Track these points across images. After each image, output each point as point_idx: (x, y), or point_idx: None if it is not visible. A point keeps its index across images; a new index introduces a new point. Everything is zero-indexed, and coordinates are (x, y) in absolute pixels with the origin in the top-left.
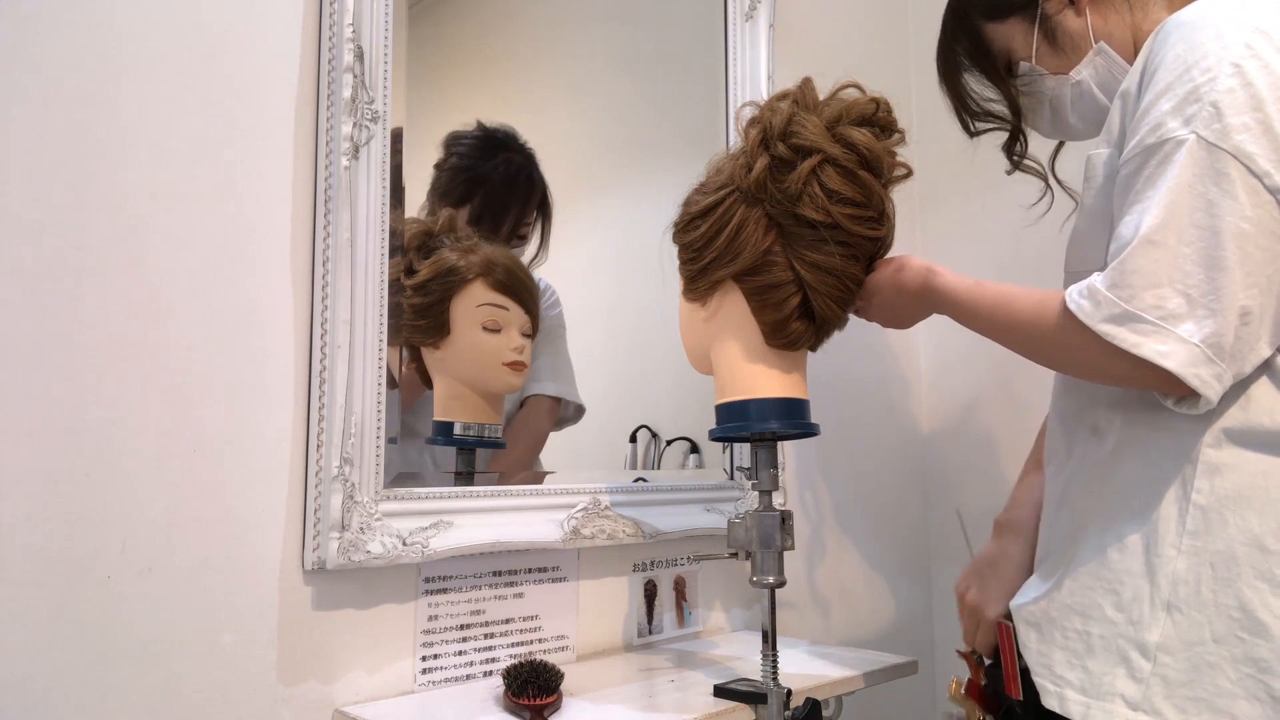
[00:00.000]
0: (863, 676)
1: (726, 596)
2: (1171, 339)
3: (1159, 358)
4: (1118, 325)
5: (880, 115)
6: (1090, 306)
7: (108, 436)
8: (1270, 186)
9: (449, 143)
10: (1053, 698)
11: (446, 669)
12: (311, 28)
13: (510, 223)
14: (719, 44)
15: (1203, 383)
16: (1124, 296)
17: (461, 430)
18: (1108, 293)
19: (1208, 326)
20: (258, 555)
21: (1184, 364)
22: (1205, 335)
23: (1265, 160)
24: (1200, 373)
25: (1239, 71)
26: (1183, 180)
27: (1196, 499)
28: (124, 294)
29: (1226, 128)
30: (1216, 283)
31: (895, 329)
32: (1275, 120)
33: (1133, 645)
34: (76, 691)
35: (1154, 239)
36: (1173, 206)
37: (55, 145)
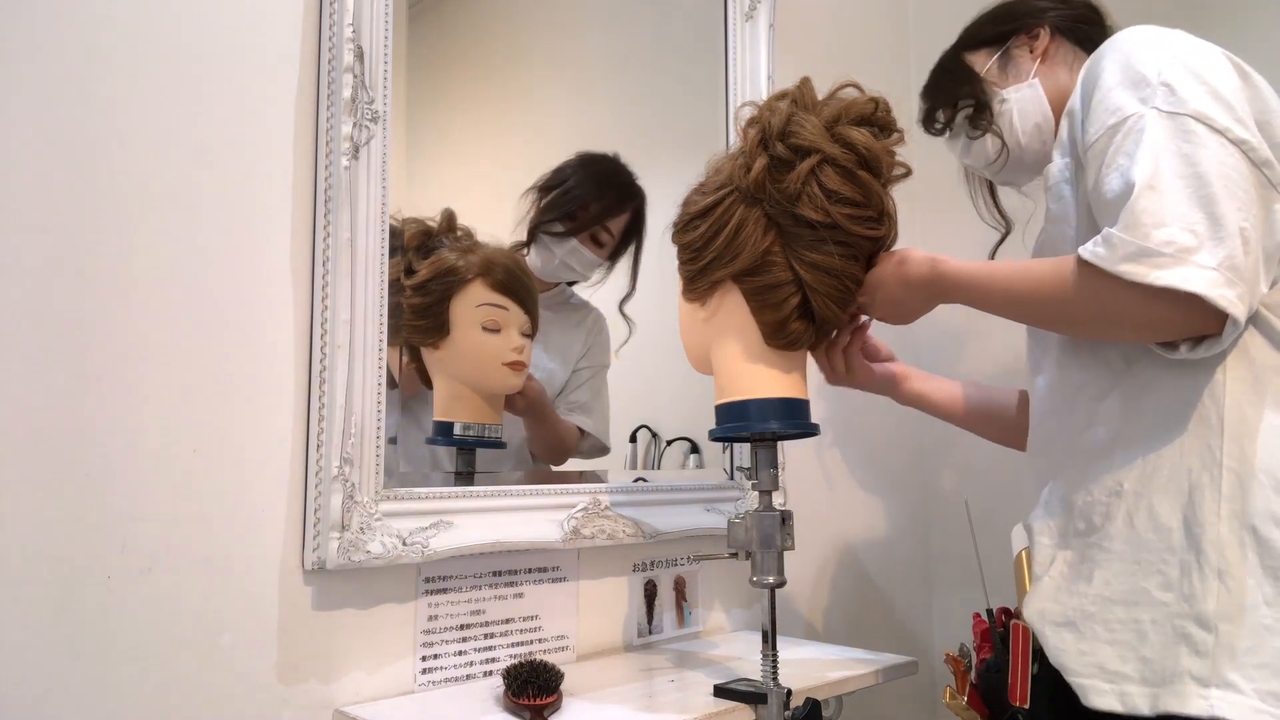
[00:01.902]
0: (863, 676)
1: (726, 596)
2: (1190, 267)
3: (1183, 283)
4: (1135, 263)
5: (879, 115)
6: (1106, 251)
7: (108, 436)
8: (1233, 139)
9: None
10: (1109, 697)
11: (446, 669)
12: (311, 28)
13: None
14: (719, 44)
15: (1229, 303)
16: (1139, 235)
17: (461, 430)
18: (1122, 234)
19: (1221, 252)
20: (258, 555)
21: (1209, 286)
22: (1220, 259)
23: (1223, 118)
24: (1225, 293)
25: (1177, 59)
26: (1157, 142)
27: (1228, 463)
28: (124, 294)
29: (1181, 99)
30: (1214, 214)
31: (898, 324)
32: (1223, 91)
33: (1191, 619)
34: (76, 691)
35: (1152, 184)
36: (1156, 162)
37: (56, 145)
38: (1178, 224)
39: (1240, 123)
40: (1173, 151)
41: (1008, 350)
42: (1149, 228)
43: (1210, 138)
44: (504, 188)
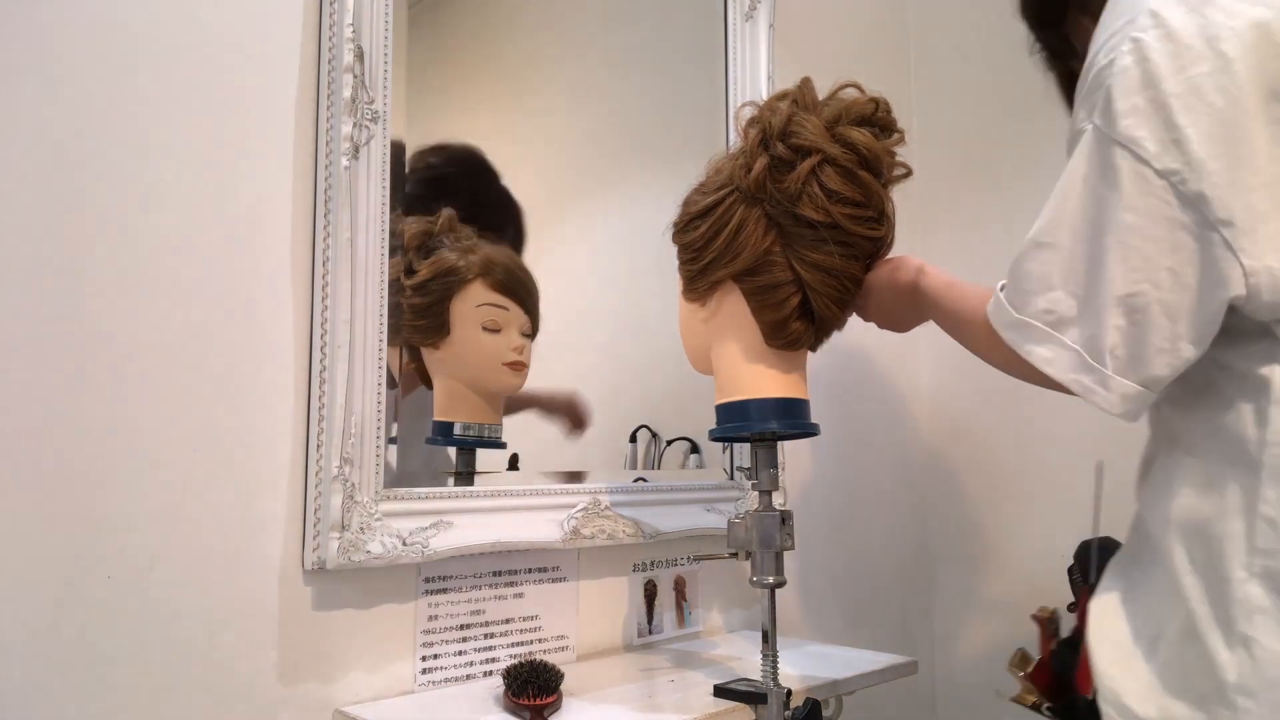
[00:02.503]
0: (863, 676)
1: (726, 596)
2: (1056, 344)
3: (1044, 364)
4: (1013, 331)
5: (879, 115)
6: (994, 310)
7: (108, 436)
8: (1161, 170)
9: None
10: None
11: (446, 669)
12: (311, 28)
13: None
14: (719, 44)
15: (1084, 389)
16: (1018, 304)
17: (461, 430)
18: (1005, 299)
19: (1087, 330)
20: (258, 555)
21: (1064, 370)
22: (1085, 339)
23: (1153, 143)
24: (1081, 379)
25: (1136, 47)
26: (1076, 175)
27: (1264, 510)
28: (124, 294)
29: (1115, 114)
30: (1095, 282)
31: (891, 331)
32: (1170, 95)
33: (1210, 684)
34: (76, 691)
35: (1042, 240)
36: (1064, 204)
37: (56, 145)
38: (1062, 288)
39: (1178, 144)
40: (1088, 189)
41: None
42: (1029, 294)
43: (1129, 174)
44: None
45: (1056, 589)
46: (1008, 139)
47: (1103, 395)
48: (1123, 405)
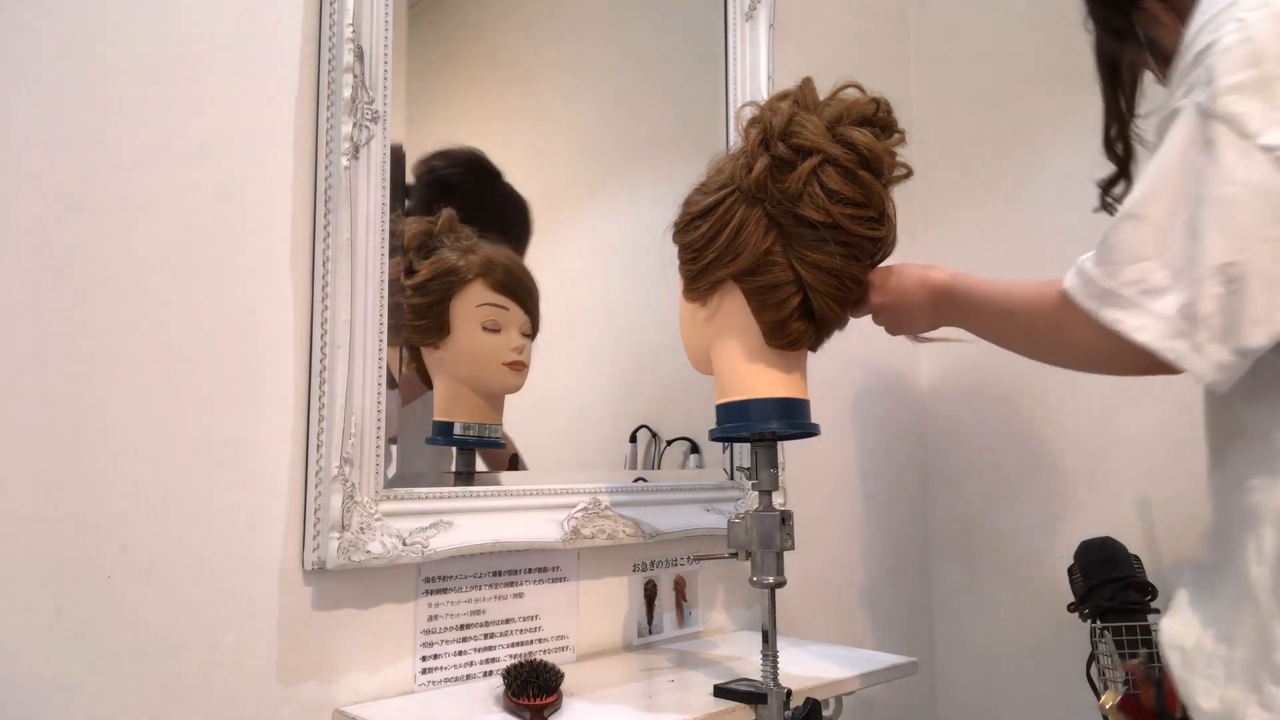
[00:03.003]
0: (863, 676)
1: (726, 596)
2: (1148, 314)
3: (1134, 333)
4: (1100, 302)
5: (880, 115)
6: (1080, 284)
7: (108, 436)
8: (1265, 145)
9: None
10: None
11: (446, 669)
12: (311, 28)
13: None
14: (719, 44)
15: (1178, 355)
16: (1107, 274)
17: (461, 430)
18: (1093, 269)
19: (1184, 296)
20: (258, 555)
21: (1157, 337)
22: (1180, 306)
23: (1257, 119)
24: (1175, 345)
25: (1242, 26)
26: (1175, 150)
27: None
28: (124, 294)
29: (1216, 91)
30: (1195, 250)
31: (897, 334)
32: (1277, 74)
33: (1266, 669)
34: (76, 691)
35: (1136, 212)
36: (1161, 177)
37: (55, 145)
38: (1155, 259)
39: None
40: (1186, 163)
41: None
42: (1118, 264)
43: (1231, 148)
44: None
45: (1056, 589)
46: (1007, 139)
47: (1196, 361)
48: (1216, 373)
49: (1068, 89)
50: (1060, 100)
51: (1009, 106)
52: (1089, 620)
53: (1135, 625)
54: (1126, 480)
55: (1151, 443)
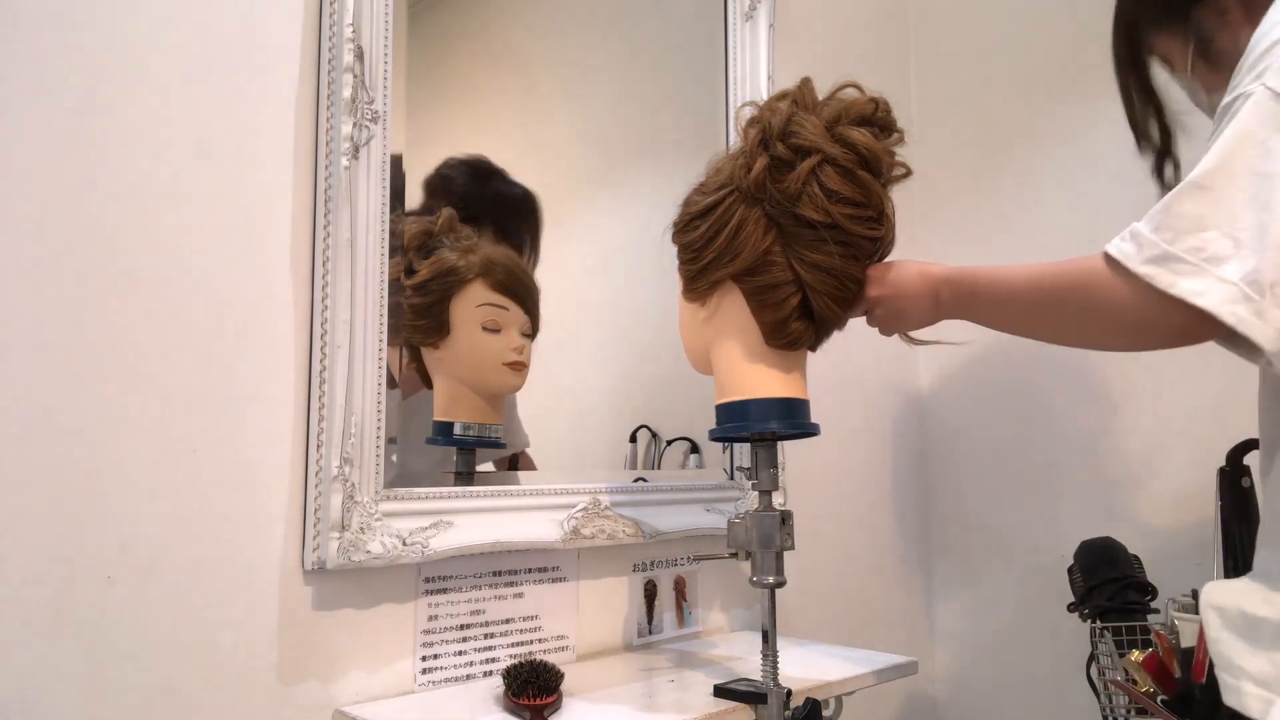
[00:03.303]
0: (862, 676)
1: (726, 596)
2: (1210, 278)
3: (1193, 296)
4: (1158, 265)
5: (879, 115)
6: (1133, 249)
7: (108, 436)
8: None
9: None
10: (1231, 693)
11: (446, 669)
12: (311, 28)
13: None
14: (719, 44)
15: (1239, 320)
16: (1167, 239)
17: (461, 430)
18: (1151, 235)
19: (1250, 263)
20: (258, 555)
21: (1219, 302)
22: (1246, 273)
23: None
24: (1237, 310)
25: None
26: (1245, 128)
27: None
28: (124, 294)
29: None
30: (1264, 220)
31: (893, 333)
32: None
33: None
34: (76, 691)
35: (1203, 183)
36: (1230, 153)
37: (55, 145)
38: (1220, 229)
39: None
40: (1254, 142)
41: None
42: (1180, 231)
43: None
44: None
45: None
46: (1007, 139)
47: (1259, 326)
48: (1277, 341)
49: (1068, 89)
50: (1060, 100)
51: (1009, 106)
52: (1089, 620)
53: (1135, 625)
54: (1126, 480)
55: (1152, 442)
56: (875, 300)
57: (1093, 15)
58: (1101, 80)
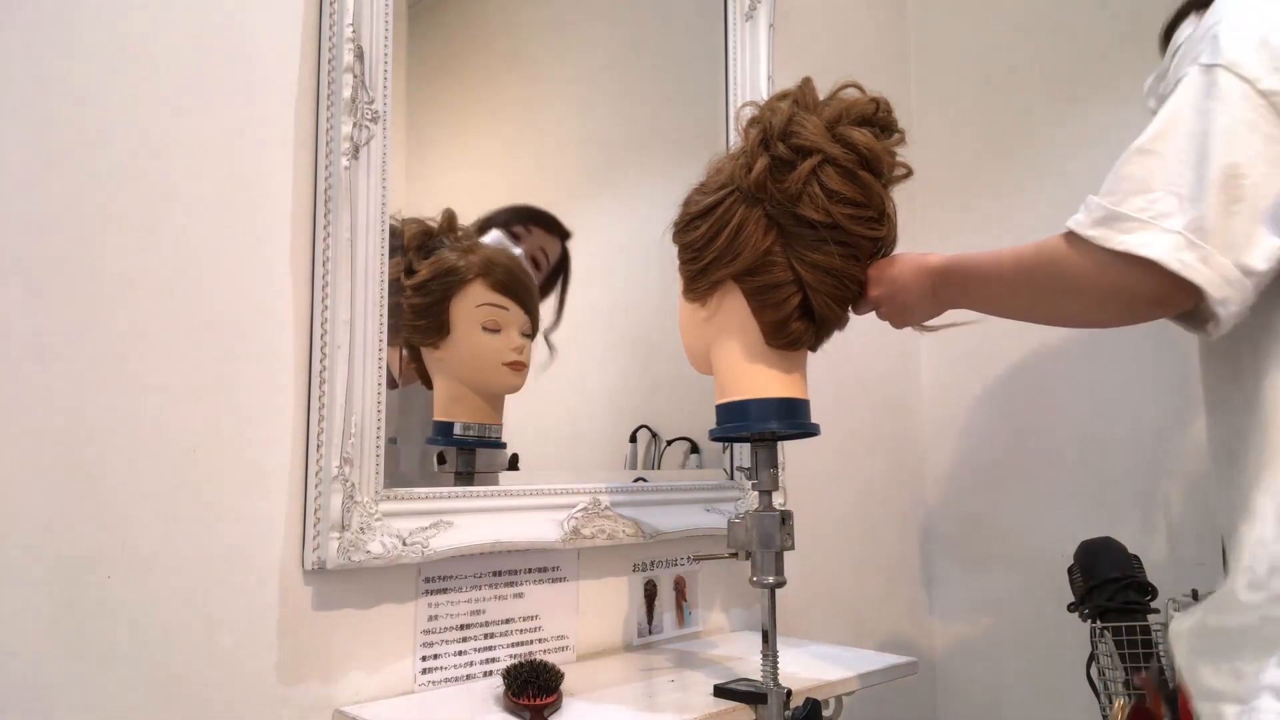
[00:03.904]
0: (862, 676)
1: (726, 596)
2: (1155, 230)
3: (1140, 248)
4: (1105, 226)
5: (880, 115)
6: (1084, 216)
7: (108, 436)
8: (1262, 90)
9: None
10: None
11: (446, 669)
12: (311, 28)
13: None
14: (719, 44)
15: (1184, 266)
16: (1114, 200)
17: (461, 430)
18: (1099, 200)
19: (1192, 213)
20: (258, 555)
21: (1165, 250)
22: (1188, 221)
23: (1255, 66)
24: (1182, 256)
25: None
26: (1183, 100)
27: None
28: (124, 294)
29: (1220, 48)
30: (1202, 175)
31: (900, 326)
32: (1273, 35)
33: (1276, 623)
34: (76, 691)
35: (1147, 148)
36: (1171, 120)
37: (55, 145)
38: (1164, 189)
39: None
40: (1195, 108)
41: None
42: (1126, 193)
43: (1234, 90)
44: (504, 188)
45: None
46: (1007, 139)
47: (1204, 273)
48: (1223, 287)
49: (1068, 89)
50: (1060, 100)
51: (1009, 106)
52: (1089, 620)
53: (1135, 625)
54: (1127, 480)
55: (1152, 442)
56: (877, 300)
57: (1093, 15)
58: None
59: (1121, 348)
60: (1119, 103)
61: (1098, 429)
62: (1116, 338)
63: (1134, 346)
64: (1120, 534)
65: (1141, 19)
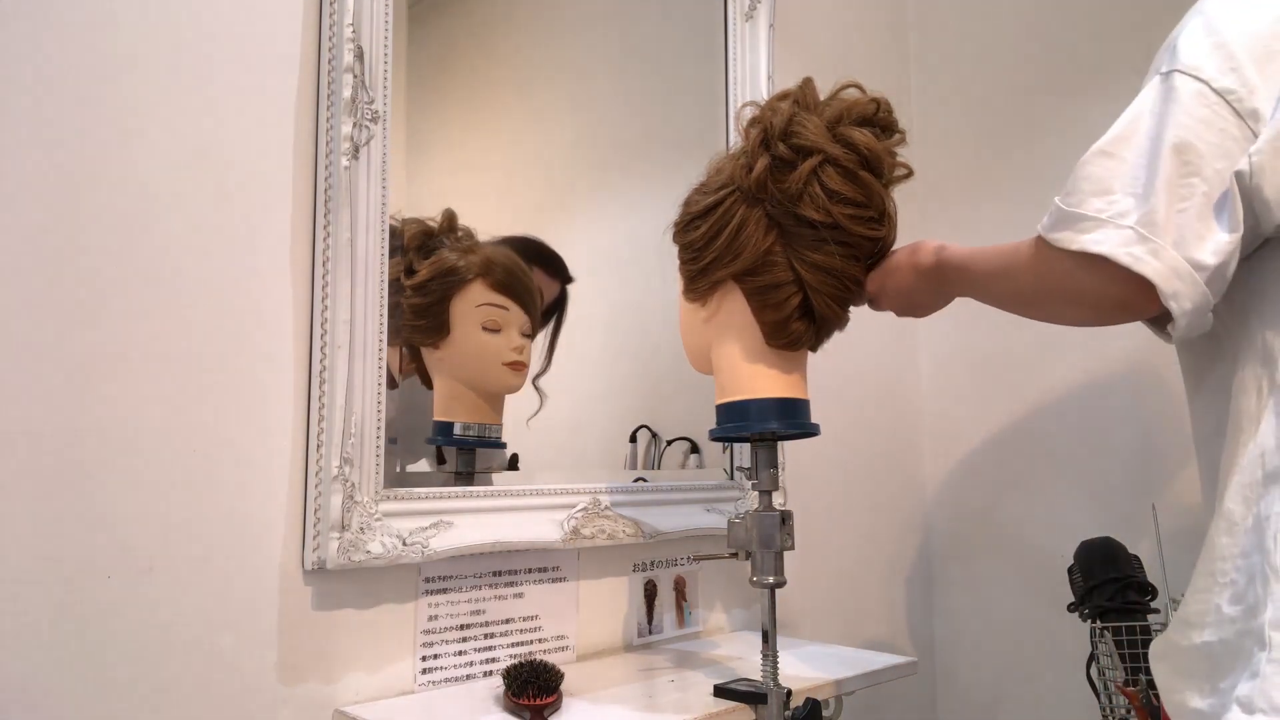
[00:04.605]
0: (862, 676)
1: (726, 596)
2: (1110, 228)
3: (1093, 245)
4: (1065, 227)
5: (880, 115)
6: (1047, 219)
7: (108, 436)
8: (1218, 89)
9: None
10: None
11: (446, 669)
12: (311, 28)
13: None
14: (719, 44)
15: (1135, 259)
16: (1074, 202)
17: (461, 430)
18: (1060, 203)
19: (1142, 210)
20: (258, 555)
21: (1117, 245)
22: (1139, 217)
23: (1211, 68)
24: (1132, 250)
25: (1200, 10)
26: (1143, 105)
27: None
28: (124, 294)
29: (1178, 54)
30: (1151, 176)
31: (909, 316)
32: (1229, 39)
33: (1252, 636)
34: (76, 691)
35: (1107, 150)
36: (1130, 122)
37: (56, 145)
38: (1123, 190)
39: (1235, 71)
40: (1149, 113)
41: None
42: (1085, 194)
43: (1189, 91)
44: (505, 188)
45: (1056, 589)
46: (1008, 139)
47: (1153, 265)
48: (1173, 280)
49: (1068, 89)
50: (1060, 100)
51: (1009, 106)
52: (1089, 620)
53: (1135, 625)
54: (1127, 480)
55: (1152, 442)
56: (873, 295)
57: (1092, 15)
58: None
59: (1122, 346)
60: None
61: (1099, 428)
62: (1117, 337)
63: (1135, 345)
64: (1120, 534)
65: (1143, 19)
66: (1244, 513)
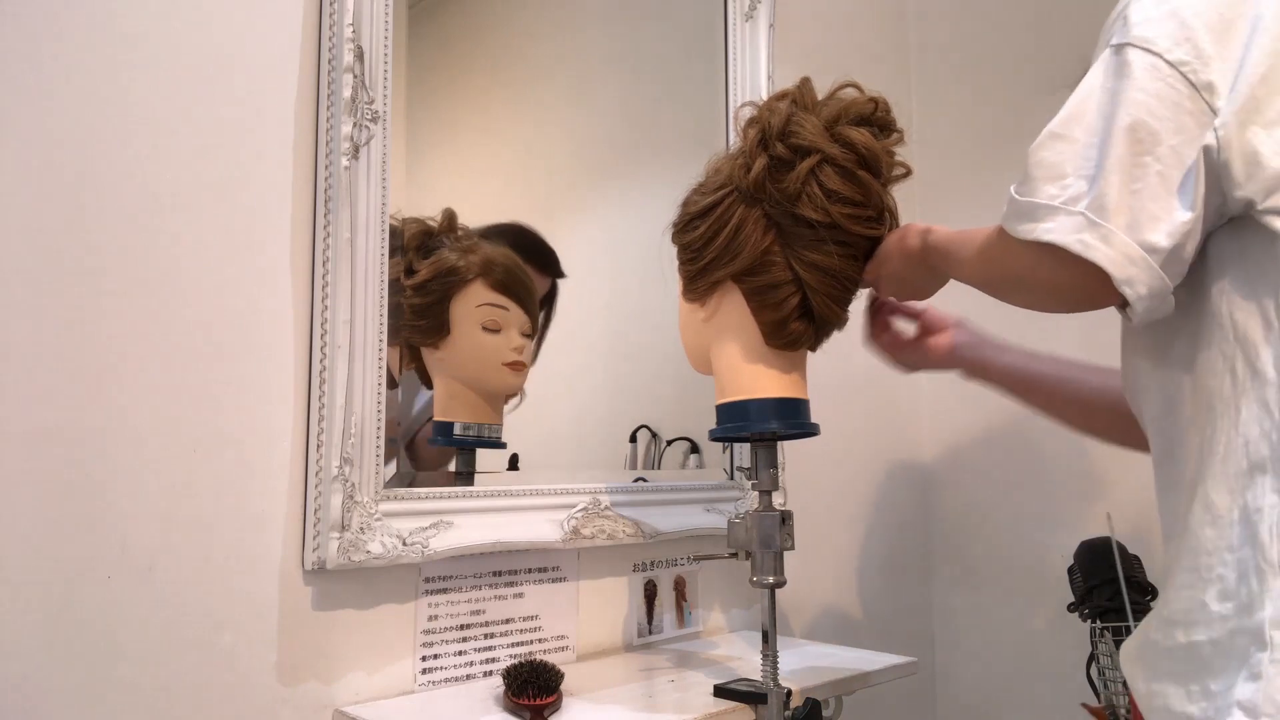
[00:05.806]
0: (862, 676)
1: (726, 596)
2: (1061, 215)
3: (1045, 234)
4: (1021, 218)
5: (879, 115)
6: (1007, 210)
7: (108, 436)
8: (1171, 61)
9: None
10: None
11: (446, 669)
12: (311, 28)
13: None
14: (719, 44)
15: (1085, 246)
16: (1026, 191)
17: (461, 430)
18: (1015, 192)
19: (1093, 194)
20: (258, 555)
21: (1066, 232)
22: (1090, 203)
23: (1164, 39)
24: (1083, 237)
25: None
26: (1093, 80)
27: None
28: (124, 294)
29: (1129, 26)
30: (1103, 157)
31: (909, 300)
32: (1181, 6)
33: (1248, 635)
34: (76, 691)
35: (1058, 131)
36: (1081, 103)
37: (56, 145)
38: (1074, 175)
39: (1189, 40)
40: (1104, 90)
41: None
42: (1038, 181)
43: (1141, 65)
44: (505, 188)
45: (1056, 589)
46: (1007, 138)
47: (1104, 252)
48: (1126, 266)
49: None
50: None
51: (1009, 106)
52: (1089, 620)
53: (1135, 625)
54: (1127, 480)
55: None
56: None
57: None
58: None
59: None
60: None
61: None
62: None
63: None
64: (1120, 534)
65: None
66: (1229, 504)
